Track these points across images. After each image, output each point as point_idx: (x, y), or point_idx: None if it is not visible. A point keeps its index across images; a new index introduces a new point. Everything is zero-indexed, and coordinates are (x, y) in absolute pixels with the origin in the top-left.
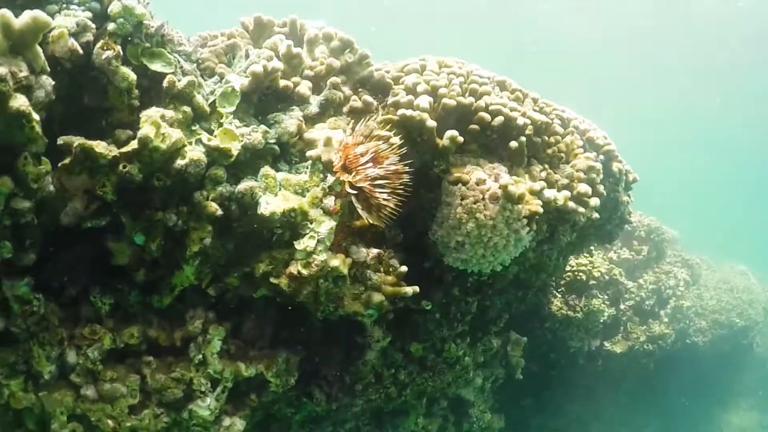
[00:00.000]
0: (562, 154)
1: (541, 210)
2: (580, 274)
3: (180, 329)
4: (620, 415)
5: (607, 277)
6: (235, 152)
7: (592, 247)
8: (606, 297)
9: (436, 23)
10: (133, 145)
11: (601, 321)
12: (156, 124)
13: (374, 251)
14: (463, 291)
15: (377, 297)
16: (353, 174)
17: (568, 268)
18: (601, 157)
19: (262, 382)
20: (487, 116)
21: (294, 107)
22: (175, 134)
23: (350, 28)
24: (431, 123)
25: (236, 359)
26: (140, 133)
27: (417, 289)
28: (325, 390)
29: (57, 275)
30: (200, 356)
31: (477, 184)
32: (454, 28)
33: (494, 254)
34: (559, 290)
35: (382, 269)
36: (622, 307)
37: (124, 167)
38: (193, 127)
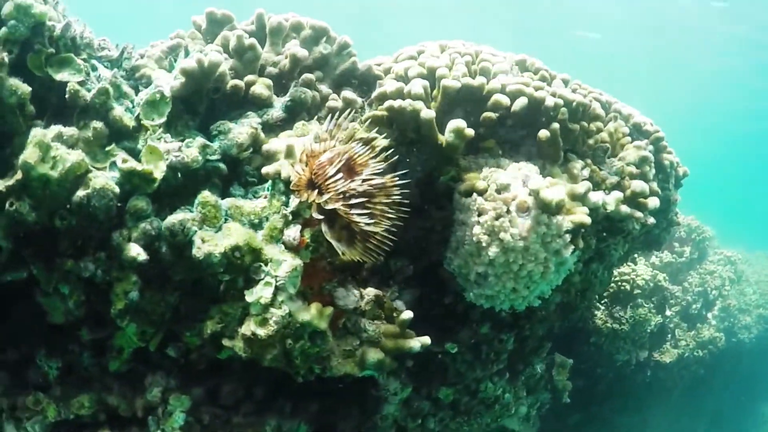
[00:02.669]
0: (607, 145)
1: (588, 220)
2: (624, 283)
3: (141, 397)
4: (668, 420)
5: (651, 284)
6: (158, 175)
7: (635, 255)
8: (652, 305)
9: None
10: (17, 175)
11: (648, 330)
12: (41, 145)
13: (371, 293)
14: (495, 328)
15: (374, 354)
16: (320, 192)
17: None
18: (650, 147)
19: None
20: (504, 99)
21: (250, 113)
22: (72, 157)
23: None
24: (428, 113)
25: None
26: (21, 159)
27: (427, 341)
28: None
29: None
30: None
31: (498, 191)
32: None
33: (529, 286)
34: (603, 302)
35: (383, 315)
36: (668, 313)
37: (11, 205)
38: (109, 148)
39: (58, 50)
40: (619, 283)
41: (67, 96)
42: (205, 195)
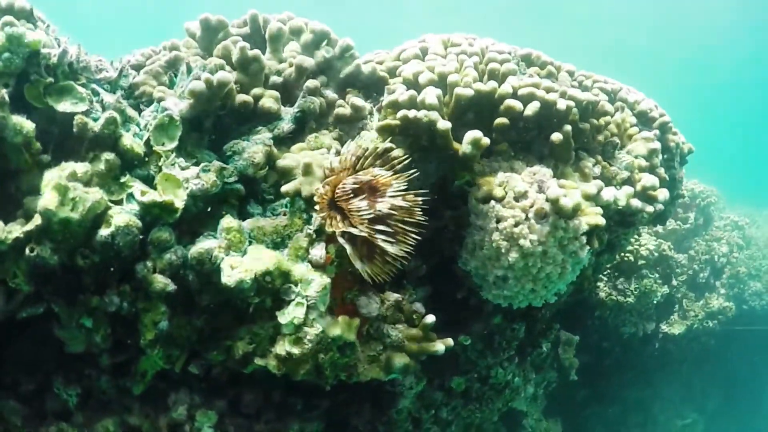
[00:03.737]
0: (616, 140)
1: (603, 221)
2: (627, 255)
3: (165, 415)
4: (681, 391)
5: (655, 254)
6: (180, 205)
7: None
8: (657, 275)
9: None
10: (36, 220)
11: (654, 302)
12: (60, 188)
13: (391, 297)
14: (507, 318)
15: (400, 359)
16: (344, 218)
17: None
18: (656, 132)
19: None
20: (517, 104)
21: (260, 128)
22: (92, 196)
23: None
24: (444, 124)
25: None
26: (40, 205)
27: (450, 342)
28: None
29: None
30: None
31: (516, 199)
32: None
33: (547, 286)
34: (606, 274)
35: (403, 318)
36: (674, 283)
37: (32, 250)
38: (123, 179)
39: (56, 78)
40: (623, 255)
41: (74, 129)
42: (229, 221)
